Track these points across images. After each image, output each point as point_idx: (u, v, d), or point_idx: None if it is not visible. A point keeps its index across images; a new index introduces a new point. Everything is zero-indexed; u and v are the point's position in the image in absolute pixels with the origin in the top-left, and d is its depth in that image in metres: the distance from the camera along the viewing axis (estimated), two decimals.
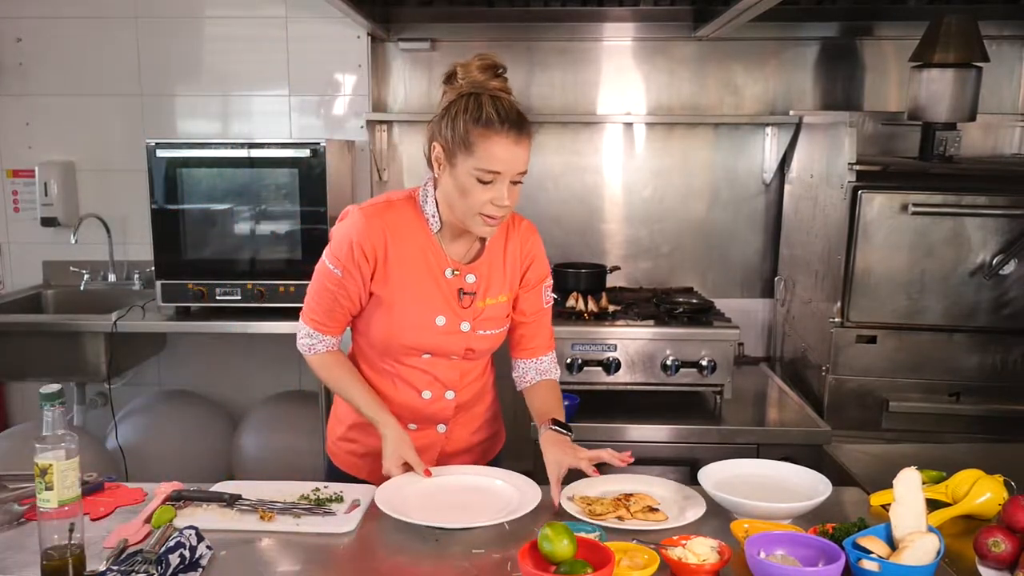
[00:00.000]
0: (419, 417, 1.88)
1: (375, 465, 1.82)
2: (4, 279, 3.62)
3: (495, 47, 3.50)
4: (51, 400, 1.41)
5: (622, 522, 1.61)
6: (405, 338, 1.77)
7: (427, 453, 1.88)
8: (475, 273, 1.78)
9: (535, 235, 1.88)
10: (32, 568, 1.43)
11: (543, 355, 1.96)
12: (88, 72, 3.48)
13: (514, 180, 1.64)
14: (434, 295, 1.75)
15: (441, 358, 1.82)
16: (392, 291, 1.74)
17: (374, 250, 1.71)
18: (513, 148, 1.60)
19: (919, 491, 1.47)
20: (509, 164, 1.61)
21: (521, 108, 1.68)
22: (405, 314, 1.75)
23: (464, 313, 1.77)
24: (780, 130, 3.43)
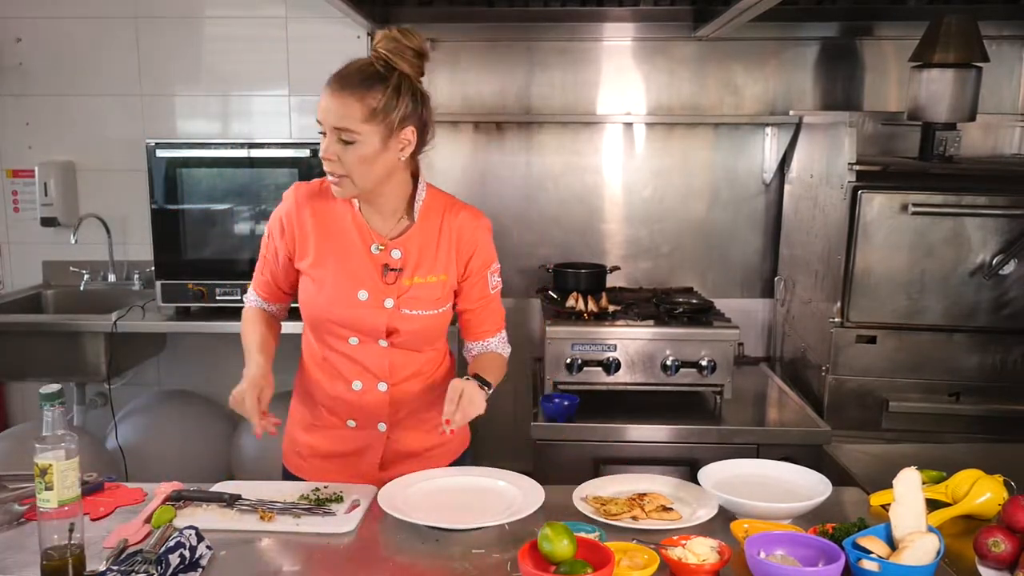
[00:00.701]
0: (355, 412, 1.85)
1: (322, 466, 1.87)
2: (4, 279, 3.62)
3: (495, 47, 3.51)
4: (51, 400, 1.41)
5: (636, 522, 1.61)
6: (329, 312, 1.77)
7: (368, 454, 1.87)
8: (400, 248, 1.78)
9: (478, 223, 1.86)
10: (32, 568, 1.43)
11: (491, 337, 1.96)
12: (88, 72, 3.48)
13: (342, 138, 1.65)
14: (357, 269, 1.76)
15: (368, 342, 1.79)
16: (318, 266, 1.77)
17: (292, 226, 1.78)
18: (329, 99, 1.65)
19: (919, 491, 1.47)
20: (324, 113, 1.66)
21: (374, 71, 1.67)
22: (328, 287, 1.77)
23: (388, 289, 1.76)
24: (780, 130, 3.43)
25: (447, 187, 3.63)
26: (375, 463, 1.88)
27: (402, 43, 1.68)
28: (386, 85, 1.65)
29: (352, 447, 1.88)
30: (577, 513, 1.64)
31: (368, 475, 1.87)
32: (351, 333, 1.79)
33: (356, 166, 1.67)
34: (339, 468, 1.88)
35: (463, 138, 3.57)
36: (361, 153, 1.66)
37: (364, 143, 1.65)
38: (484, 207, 3.63)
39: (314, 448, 1.90)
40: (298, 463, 1.94)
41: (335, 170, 1.68)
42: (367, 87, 1.64)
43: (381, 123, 1.65)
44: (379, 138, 1.66)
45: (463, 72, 3.53)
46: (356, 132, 1.64)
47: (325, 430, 1.89)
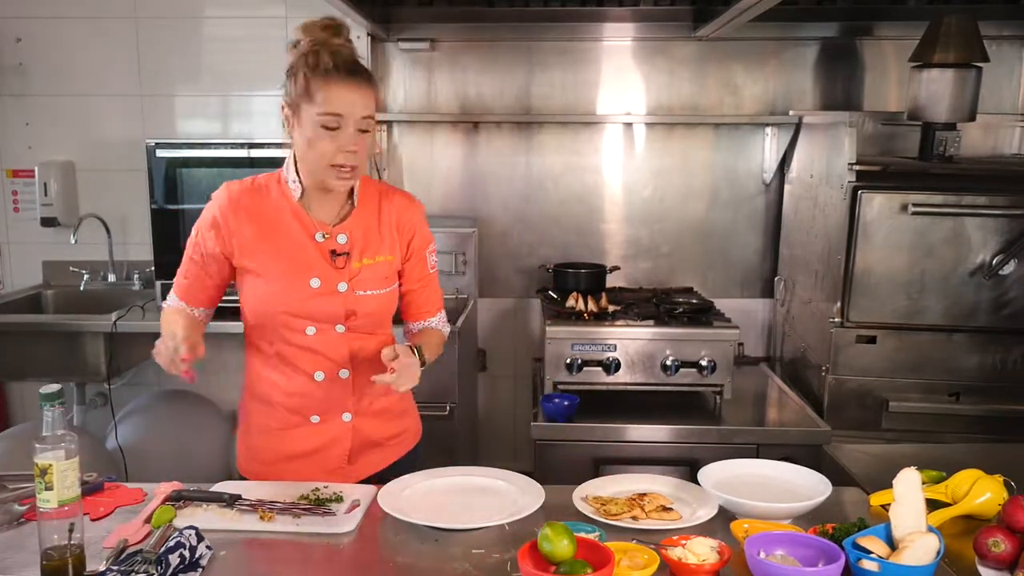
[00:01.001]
0: (320, 405, 1.83)
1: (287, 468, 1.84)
2: (4, 279, 3.62)
3: (495, 47, 3.51)
4: (51, 400, 1.40)
5: (636, 522, 1.61)
6: (284, 304, 1.76)
7: (337, 447, 1.86)
8: (345, 233, 1.79)
9: (414, 205, 1.89)
10: (32, 568, 1.43)
11: (431, 317, 1.97)
12: (88, 72, 3.48)
13: (361, 128, 1.67)
14: (305, 259, 1.76)
15: (326, 330, 1.79)
16: (261, 262, 1.77)
17: (227, 224, 1.76)
18: (351, 92, 1.65)
19: (919, 491, 1.47)
20: (348, 107, 1.65)
21: (360, 59, 1.72)
22: (278, 280, 1.76)
23: (340, 274, 1.78)
24: (780, 130, 3.44)
25: (447, 187, 3.68)
26: (343, 456, 1.87)
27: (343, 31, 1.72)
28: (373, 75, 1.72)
29: (319, 443, 1.85)
30: (577, 513, 1.64)
31: (336, 471, 1.86)
32: (307, 323, 1.78)
33: (365, 154, 1.71)
34: (307, 467, 1.85)
35: (463, 138, 3.57)
36: (371, 141, 1.71)
37: (372, 131, 1.71)
38: (484, 207, 3.70)
39: (278, 451, 1.85)
40: (260, 470, 1.88)
41: (350, 161, 1.69)
42: (371, 77, 1.70)
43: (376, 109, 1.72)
44: (375, 126, 1.72)
45: (463, 72, 3.53)
46: (372, 119, 1.69)
47: (287, 431, 1.85)
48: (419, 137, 3.58)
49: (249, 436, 1.91)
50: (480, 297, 3.67)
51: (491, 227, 3.64)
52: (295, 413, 1.84)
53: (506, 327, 3.71)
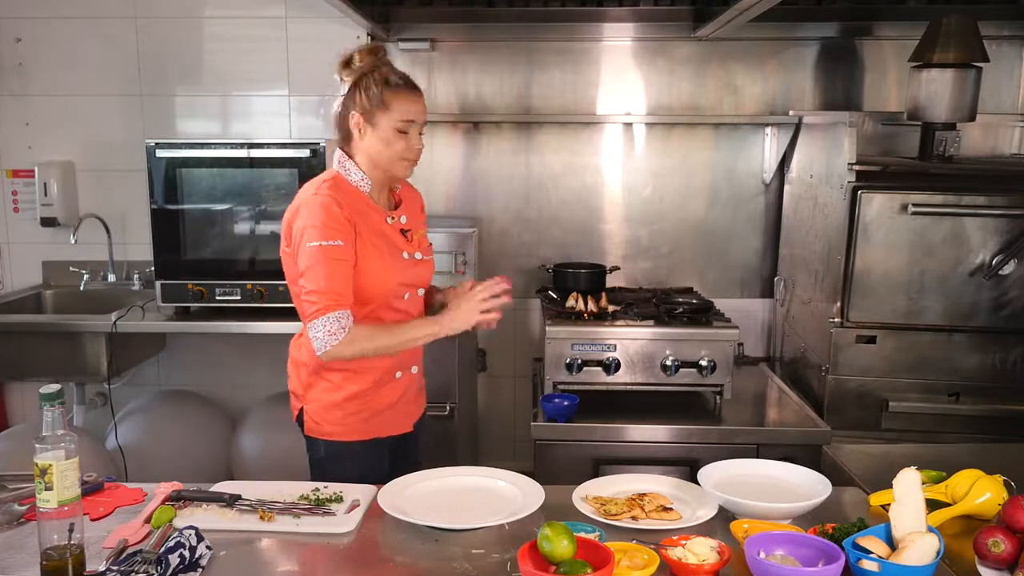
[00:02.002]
0: (402, 362, 2.12)
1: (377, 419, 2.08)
2: (4, 279, 3.62)
3: (495, 47, 3.51)
4: (51, 400, 1.41)
5: (636, 522, 1.61)
6: (394, 278, 2.04)
7: (409, 394, 2.16)
8: (404, 214, 2.13)
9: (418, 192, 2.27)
10: (32, 568, 1.44)
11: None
12: (88, 72, 3.48)
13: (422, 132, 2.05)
14: (393, 239, 2.06)
15: (413, 294, 2.12)
16: (369, 248, 2.00)
17: (350, 217, 1.97)
18: (419, 102, 2.03)
19: (919, 491, 1.47)
20: (420, 114, 2.03)
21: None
22: (387, 259, 2.03)
23: (412, 245, 2.11)
24: (780, 130, 3.44)
25: (447, 187, 3.68)
26: (413, 398, 2.20)
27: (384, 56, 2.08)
28: None
29: (400, 392, 2.13)
30: (577, 513, 1.64)
31: (411, 410, 2.19)
32: (406, 289, 2.08)
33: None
34: (393, 415, 2.12)
35: (463, 138, 3.57)
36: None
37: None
38: (484, 207, 3.70)
39: (371, 408, 2.07)
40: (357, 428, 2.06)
41: (419, 156, 2.05)
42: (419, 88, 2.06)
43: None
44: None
45: (463, 72, 3.53)
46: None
47: (378, 389, 2.08)
48: None
49: (339, 404, 2.06)
50: None
51: (491, 227, 3.64)
52: (386, 372, 2.09)
53: (506, 327, 3.70)
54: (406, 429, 2.17)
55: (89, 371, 3.08)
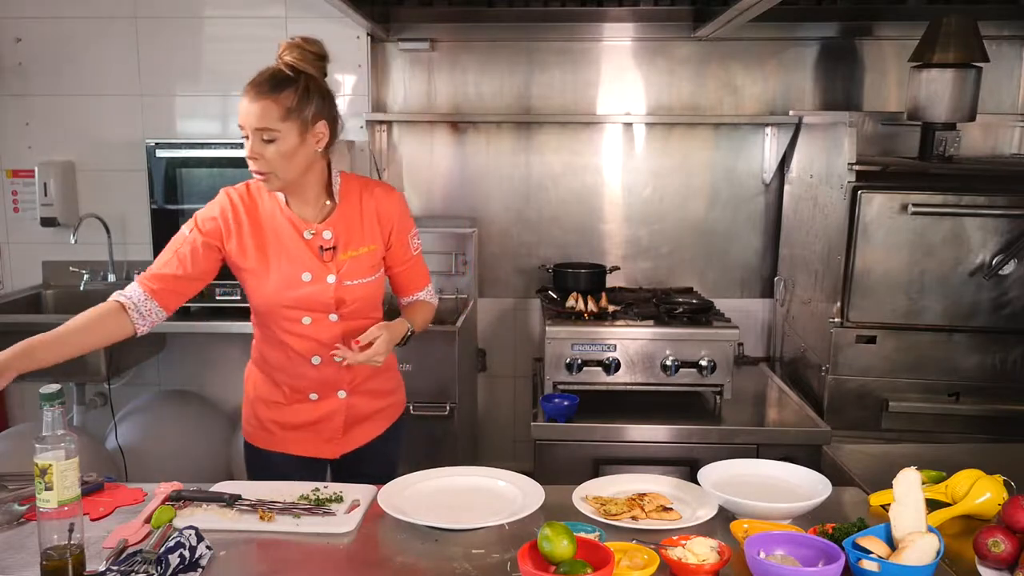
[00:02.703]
0: (317, 385, 2.01)
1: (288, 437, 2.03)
2: (4, 279, 3.62)
3: (495, 47, 3.51)
4: (51, 400, 1.41)
5: (636, 522, 1.61)
6: (280, 297, 1.93)
7: (332, 421, 2.04)
8: (330, 229, 1.95)
9: (392, 196, 2.05)
10: (32, 568, 1.43)
11: (419, 292, 2.15)
12: (88, 72, 3.48)
13: (263, 138, 1.81)
14: (297, 255, 1.93)
15: (320, 319, 1.95)
16: (259, 260, 1.93)
17: (227, 223, 1.92)
18: (248, 104, 1.81)
19: (919, 491, 1.47)
20: (245, 117, 1.82)
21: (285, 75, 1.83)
22: (274, 276, 1.93)
23: (327, 266, 1.94)
24: (780, 130, 3.44)
25: (447, 187, 3.68)
26: (339, 429, 2.05)
27: (305, 49, 1.87)
28: (296, 87, 1.82)
29: (316, 417, 2.03)
30: (577, 513, 1.64)
31: (331, 440, 2.06)
32: (303, 313, 1.94)
33: (278, 161, 1.83)
34: (306, 436, 2.04)
35: (463, 138, 3.57)
36: (282, 149, 1.82)
37: (284, 139, 1.82)
38: (484, 207, 3.70)
39: (281, 423, 2.04)
40: (264, 437, 2.06)
41: (261, 168, 1.84)
42: (279, 90, 1.81)
43: (296, 120, 1.82)
44: (296, 134, 1.83)
45: (463, 72, 3.53)
46: (276, 130, 1.81)
47: (289, 405, 2.03)
48: (419, 137, 3.58)
49: (255, 405, 2.07)
50: (480, 297, 3.67)
51: (491, 227, 3.64)
52: (296, 391, 2.02)
53: (506, 327, 3.71)
54: (328, 455, 2.05)
55: (89, 371, 3.07)
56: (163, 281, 1.92)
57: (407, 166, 3.60)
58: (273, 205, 1.95)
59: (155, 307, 1.93)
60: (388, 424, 2.13)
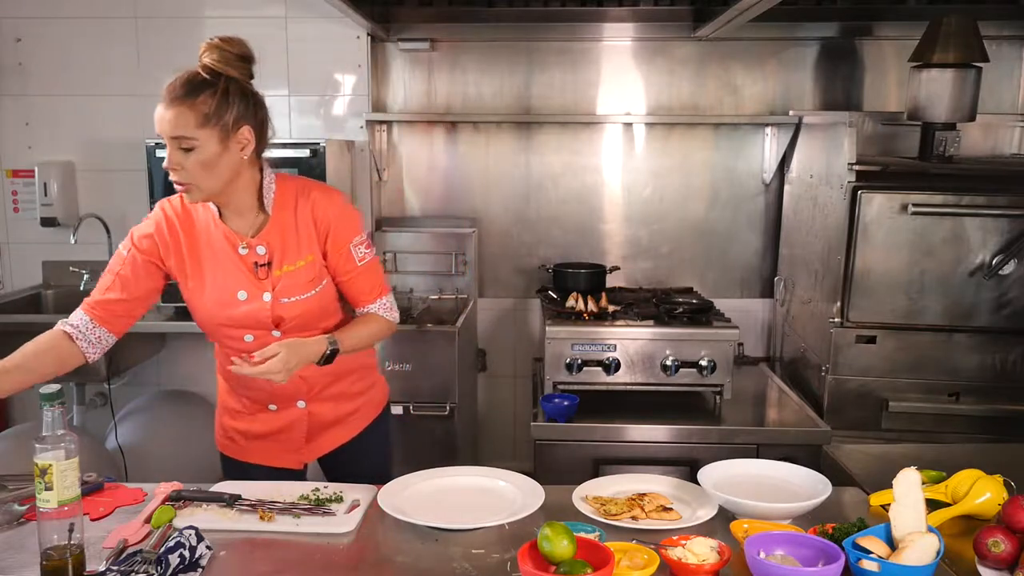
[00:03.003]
0: (274, 397, 1.95)
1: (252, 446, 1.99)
2: (4, 279, 3.62)
3: (494, 47, 3.51)
4: (51, 400, 1.41)
5: (636, 522, 1.61)
6: (216, 317, 1.85)
7: (294, 430, 1.98)
8: (263, 244, 1.84)
9: (330, 200, 1.89)
10: (32, 568, 1.43)
11: (370, 304, 1.96)
12: (88, 72, 3.48)
13: (182, 146, 1.71)
14: (232, 272, 1.84)
15: (262, 335, 1.85)
16: (196, 277, 1.85)
17: (164, 239, 1.84)
18: (163, 111, 1.72)
19: (919, 491, 1.47)
20: (160, 125, 1.73)
21: (201, 79, 1.75)
22: (209, 294, 1.85)
23: (263, 284, 1.84)
24: (780, 130, 3.44)
25: (447, 187, 3.68)
26: (301, 437, 1.99)
27: (227, 50, 1.77)
28: (214, 90, 1.73)
29: (278, 426, 1.98)
30: (577, 513, 1.64)
31: (297, 450, 2.00)
32: (243, 331, 1.86)
33: (199, 171, 1.73)
34: (269, 446, 2.00)
35: (463, 138, 3.57)
36: (202, 158, 1.72)
37: (203, 148, 1.71)
38: (484, 207, 3.70)
39: (243, 432, 2.01)
40: (231, 446, 2.04)
41: (181, 178, 1.74)
42: (195, 95, 1.72)
43: (215, 126, 1.72)
44: (216, 141, 1.72)
45: (463, 72, 3.53)
46: (193, 138, 1.71)
47: (251, 415, 1.99)
48: (419, 137, 3.58)
49: (222, 415, 2.05)
50: (480, 297, 3.67)
51: (491, 227, 3.64)
52: (255, 403, 1.98)
53: (506, 327, 3.71)
54: (291, 465, 2.00)
55: (89, 371, 3.04)
56: (107, 306, 1.84)
57: (407, 166, 3.60)
58: (208, 218, 1.85)
59: (104, 333, 1.85)
60: (364, 425, 2.05)
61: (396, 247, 3.56)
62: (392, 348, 3.02)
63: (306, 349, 1.77)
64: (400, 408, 3.03)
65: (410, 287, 3.53)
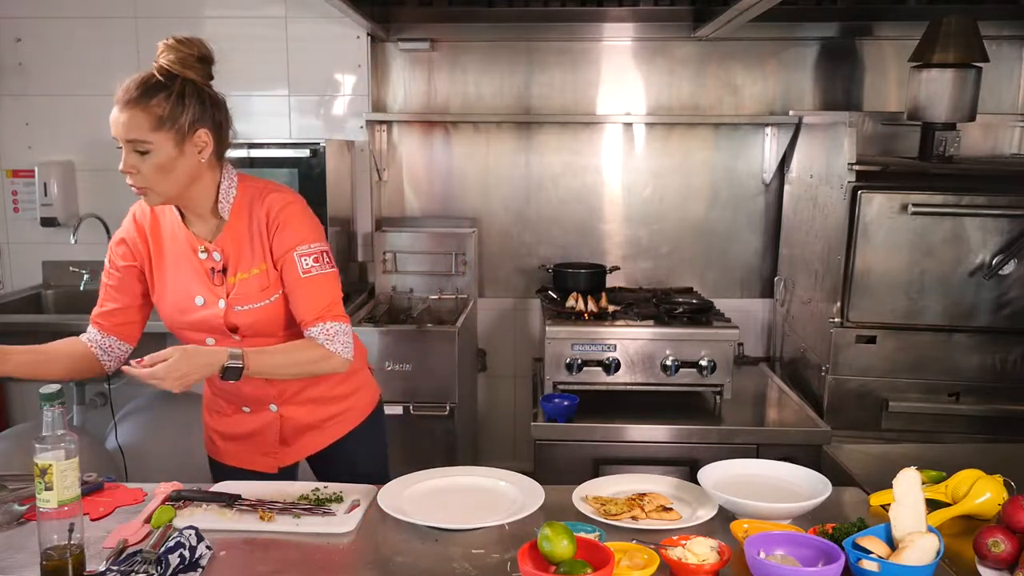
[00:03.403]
0: (245, 400, 1.94)
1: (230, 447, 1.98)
2: (4, 279, 3.62)
3: (494, 47, 3.51)
4: (51, 400, 1.41)
5: (636, 522, 1.61)
6: (177, 321, 1.85)
7: (267, 433, 1.95)
8: (219, 250, 1.81)
9: (283, 203, 1.80)
10: (32, 568, 1.43)
11: (310, 326, 1.78)
12: (88, 72, 3.48)
13: (139, 149, 1.69)
14: (191, 276, 1.82)
15: (223, 340, 1.82)
16: (160, 278, 1.85)
17: (135, 245, 1.86)
18: (117, 114, 1.71)
19: (919, 491, 1.47)
20: (114, 128, 1.71)
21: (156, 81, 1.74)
22: (170, 297, 1.84)
23: (218, 290, 1.81)
24: (780, 130, 3.44)
25: (447, 187, 3.68)
26: (275, 440, 1.97)
27: (184, 51, 1.76)
28: (169, 92, 1.71)
29: (251, 428, 1.97)
30: (577, 513, 1.64)
31: (272, 453, 1.98)
32: (204, 335, 1.84)
33: (154, 174, 1.71)
34: (246, 448, 1.98)
35: (463, 138, 3.57)
36: (157, 161, 1.70)
37: (158, 151, 1.70)
38: (484, 207, 3.70)
39: (221, 433, 2.01)
40: (212, 447, 2.05)
41: (136, 182, 1.73)
42: (149, 97, 1.71)
43: (171, 129, 1.70)
44: (172, 144, 1.70)
45: (463, 72, 3.53)
46: (148, 142, 1.69)
47: (227, 416, 1.99)
48: (419, 137, 3.58)
49: (206, 416, 2.06)
50: (480, 297, 3.67)
51: (491, 227, 3.64)
52: (229, 404, 1.98)
53: (506, 327, 3.71)
54: (266, 469, 1.96)
55: None
56: (110, 317, 1.89)
57: (407, 166, 3.60)
58: (174, 222, 1.84)
59: (115, 342, 1.91)
60: (345, 430, 2.00)
61: (396, 247, 3.56)
62: (392, 348, 3.02)
63: (200, 359, 1.66)
64: (400, 408, 3.03)
65: (410, 287, 3.53)
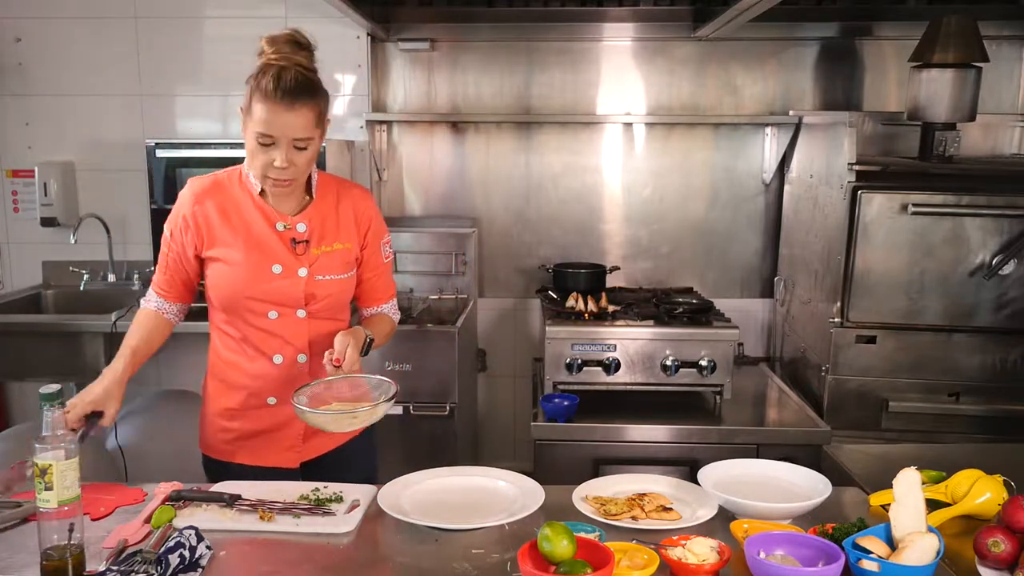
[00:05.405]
0: (277, 388, 1.93)
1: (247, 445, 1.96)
2: (4, 279, 3.62)
3: (494, 47, 3.51)
4: (51, 400, 1.41)
5: (636, 522, 1.61)
6: (248, 289, 1.86)
7: (291, 427, 1.95)
8: (304, 222, 1.89)
9: (369, 199, 2.01)
10: (32, 568, 1.43)
11: (384, 304, 2.06)
12: (88, 72, 3.48)
13: (297, 146, 1.76)
14: (268, 246, 1.87)
15: (287, 314, 1.89)
16: (226, 250, 1.87)
17: (196, 220, 1.87)
18: (284, 114, 1.72)
19: (919, 491, 1.47)
20: (280, 129, 1.73)
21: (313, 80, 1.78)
22: (242, 266, 1.86)
23: (300, 259, 1.88)
24: (780, 130, 3.44)
25: (447, 187, 3.68)
26: (299, 435, 1.97)
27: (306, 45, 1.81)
28: (319, 89, 1.79)
29: (274, 423, 1.95)
30: (577, 513, 1.64)
31: (291, 448, 1.97)
32: (270, 307, 1.88)
33: (306, 166, 1.82)
34: (263, 445, 1.96)
35: (463, 138, 3.57)
36: (310, 155, 1.80)
37: (313, 145, 1.80)
38: (484, 207, 3.70)
39: (239, 431, 1.97)
40: (224, 448, 1.99)
41: (291, 175, 1.79)
42: (315, 96, 1.77)
43: (322, 123, 1.82)
44: (319, 136, 1.81)
45: (463, 72, 3.53)
46: (311, 139, 1.78)
47: (248, 412, 1.95)
48: (419, 137, 3.58)
49: (210, 416, 2.01)
50: (480, 297, 3.67)
51: (491, 227, 3.64)
52: (254, 395, 1.94)
53: (506, 327, 3.71)
54: (287, 464, 1.97)
55: (89, 371, 3.07)
56: (171, 285, 1.94)
57: (407, 166, 3.60)
58: (244, 195, 1.89)
59: (177, 306, 1.97)
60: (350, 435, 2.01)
61: (396, 247, 3.53)
62: (392, 348, 3.02)
63: (359, 337, 1.84)
64: (400, 408, 3.03)
65: (410, 287, 3.53)
